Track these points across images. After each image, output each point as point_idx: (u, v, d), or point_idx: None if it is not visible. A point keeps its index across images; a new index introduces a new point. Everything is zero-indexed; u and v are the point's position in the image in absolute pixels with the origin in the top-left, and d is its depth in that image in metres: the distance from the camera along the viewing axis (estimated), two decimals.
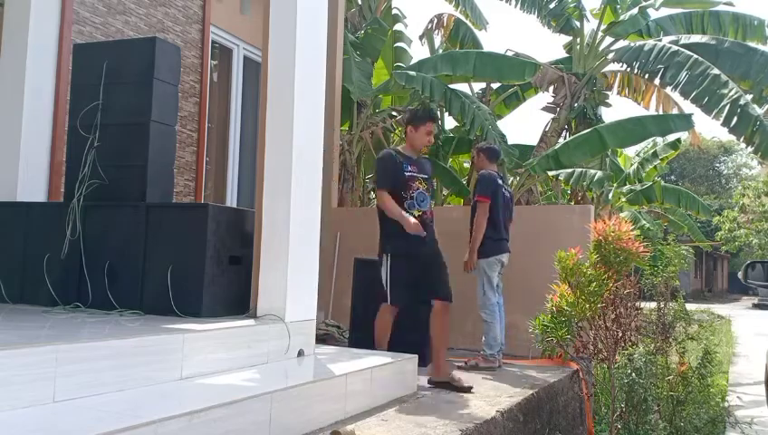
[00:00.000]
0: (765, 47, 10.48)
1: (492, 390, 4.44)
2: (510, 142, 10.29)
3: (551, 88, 11.46)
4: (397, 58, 11.99)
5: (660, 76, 9.93)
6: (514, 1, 11.83)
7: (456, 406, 3.86)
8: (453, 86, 10.47)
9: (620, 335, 4.41)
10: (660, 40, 10.82)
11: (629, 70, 10.78)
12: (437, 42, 12.93)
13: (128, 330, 3.22)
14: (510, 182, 10.13)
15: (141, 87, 4.09)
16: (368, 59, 10.59)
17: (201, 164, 6.70)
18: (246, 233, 3.99)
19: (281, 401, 2.84)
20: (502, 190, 5.52)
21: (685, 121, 10.15)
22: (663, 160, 14.07)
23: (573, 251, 4.22)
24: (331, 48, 6.76)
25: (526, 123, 43.09)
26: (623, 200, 12.36)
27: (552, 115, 11.50)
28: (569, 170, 9.87)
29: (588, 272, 4.14)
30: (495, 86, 12.65)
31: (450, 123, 12.72)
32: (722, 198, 42.19)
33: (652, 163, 13.57)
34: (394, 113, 11.63)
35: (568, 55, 12.62)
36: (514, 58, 11.12)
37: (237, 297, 3.88)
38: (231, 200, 7.37)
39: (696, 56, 9.53)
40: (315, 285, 4.04)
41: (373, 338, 4.45)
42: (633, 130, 9.83)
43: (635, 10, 11.48)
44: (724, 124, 9.00)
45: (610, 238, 4.16)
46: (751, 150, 9.25)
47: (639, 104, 11.75)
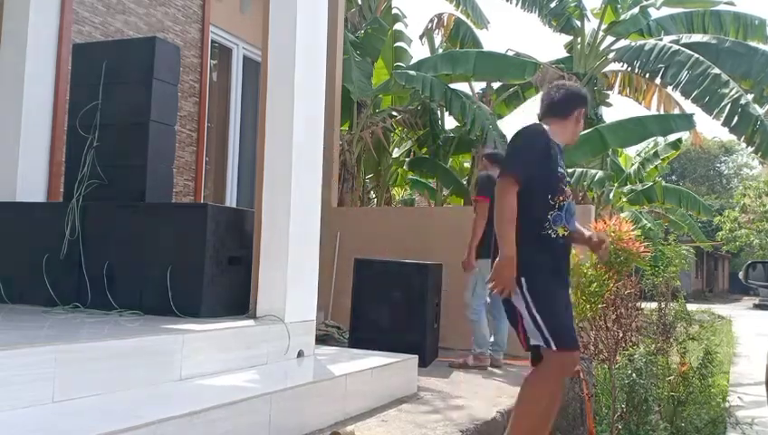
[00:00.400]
0: (766, 47, 10.49)
1: (492, 390, 4.43)
2: None
3: None
4: (397, 58, 11.98)
5: (661, 76, 9.93)
6: (515, 0, 11.83)
7: (457, 407, 3.85)
8: (453, 86, 10.47)
9: (621, 336, 4.42)
10: (661, 39, 10.81)
11: (630, 69, 10.78)
12: (438, 41, 12.93)
13: (127, 330, 3.21)
14: None
15: (141, 87, 4.08)
16: (368, 59, 10.57)
17: (201, 164, 6.69)
18: (246, 233, 3.98)
19: (280, 402, 2.84)
20: None
21: (686, 121, 10.16)
22: (664, 160, 14.09)
23: (574, 251, 4.21)
24: (331, 48, 6.74)
25: (526, 123, 42.94)
26: (624, 200, 12.37)
27: None
28: (569, 170, 9.85)
29: (588, 272, 4.14)
30: (496, 86, 12.63)
31: (450, 123, 12.72)
32: (723, 198, 42.13)
33: (653, 163, 13.59)
34: (394, 113, 11.62)
35: (568, 55, 12.62)
36: (515, 57, 11.12)
37: (237, 297, 3.87)
38: (230, 200, 7.36)
39: (697, 56, 9.53)
40: (315, 286, 4.03)
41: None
42: (634, 130, 9.84)
43: (636, 9, 11.47)
44: (724, 124, 9.00)
45: (611, 239, 4.15)
46: (751, 150, 9.26)
47: (640, 104, 11.74)
